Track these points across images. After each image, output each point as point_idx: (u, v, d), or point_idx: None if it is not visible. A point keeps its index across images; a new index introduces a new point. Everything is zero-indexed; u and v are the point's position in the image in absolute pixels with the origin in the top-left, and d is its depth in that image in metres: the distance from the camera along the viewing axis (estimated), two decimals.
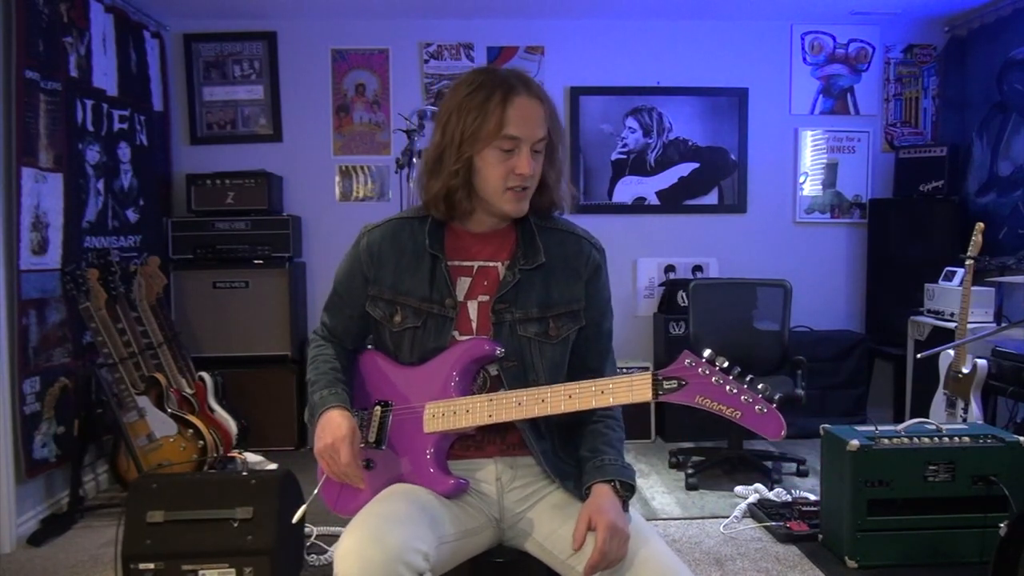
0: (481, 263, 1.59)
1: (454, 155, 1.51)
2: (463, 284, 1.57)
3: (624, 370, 4.08)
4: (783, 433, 1.26)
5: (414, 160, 3.72)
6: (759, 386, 1.28)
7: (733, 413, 1.28)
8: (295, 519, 1.62)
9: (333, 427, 1.50)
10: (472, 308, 1.56)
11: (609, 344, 1.65)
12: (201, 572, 2.37)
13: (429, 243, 1.57)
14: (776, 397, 1.28)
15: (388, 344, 1.62)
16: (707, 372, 1.30)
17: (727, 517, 3.24)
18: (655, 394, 1.32)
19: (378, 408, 1.58)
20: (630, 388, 1.36)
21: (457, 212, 1.57)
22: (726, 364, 1.30)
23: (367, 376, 1.65)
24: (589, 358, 1.62)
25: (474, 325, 1.55)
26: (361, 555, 1.27)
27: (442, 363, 1.54)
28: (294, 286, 4.39)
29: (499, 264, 1.58)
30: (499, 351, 1.51)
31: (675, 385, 1.31)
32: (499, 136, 1.48)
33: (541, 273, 1.57)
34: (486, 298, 1.56)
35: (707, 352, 1.31)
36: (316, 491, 1.61)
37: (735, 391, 1.28)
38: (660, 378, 1.33)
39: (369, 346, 1.71)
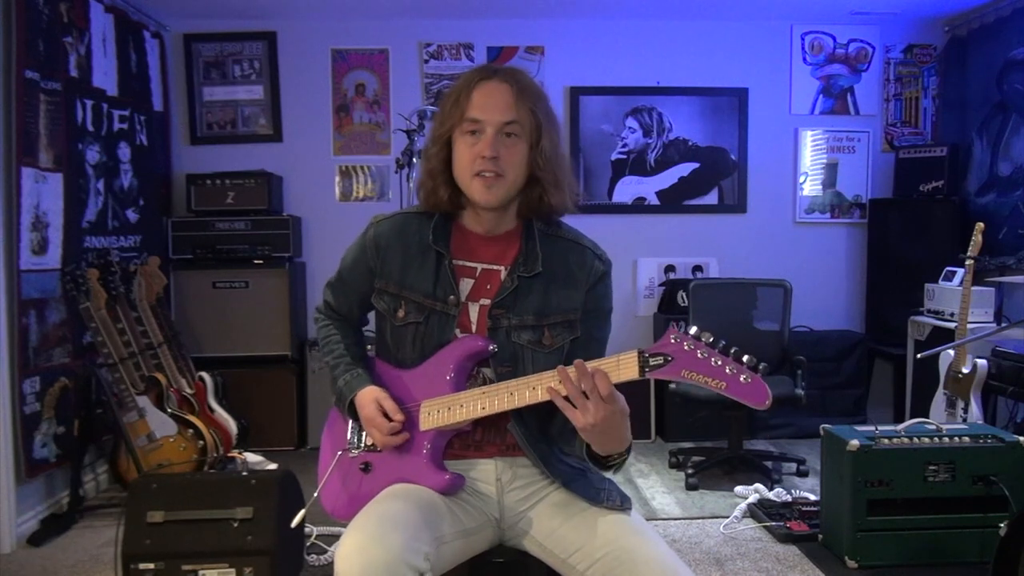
0: (484, 265, 1.58)
1: (434, 139, 1.56)
2: (466, 285, 1.57)
3: None
4: (768, 401, 1.25)
5: (414, 160, 3.72)
6: (744, 357, 1.27)
7: (719, 384, 1.27)
8: (294, 523, 1.62)
9: (362, 411, 1.55)
10: (473, 310, 1.56)
11: (602, 353, 1.59)
12: (201, 572, 2.38)
13: (433, 239, 1.57)
14: (761, 366, 1.27)
15: (388, 339, 1.62)
16: (692, 347, 1.29)
17: (727, 517, 3.24)
18: (642, 371, 1.31)
19: None
20: (617, 367, 1.34)
21: (440, 203, 1.57)
22: (711, 339, 1.29)
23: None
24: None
25: (474, 328, 1.55)
26: (363, 555, 1.27)
27: (437, 362, 1.54)
28: (294, 286, 4.39)
29: (502, 268, 1.58)
30: (492, 347, 1.51)
31: (661, 361, 1.30)
32: (464, 119, 1.50)
33: (540, 281, 1.56)
34: (487, 302, 1.56)
35: (693, 329, 1.30)
36: (316, 494, 1.61)
37: (720, 363, 1.27)
38: (647, 355, 1.31)
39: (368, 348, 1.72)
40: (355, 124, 4.73)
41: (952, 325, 3.69)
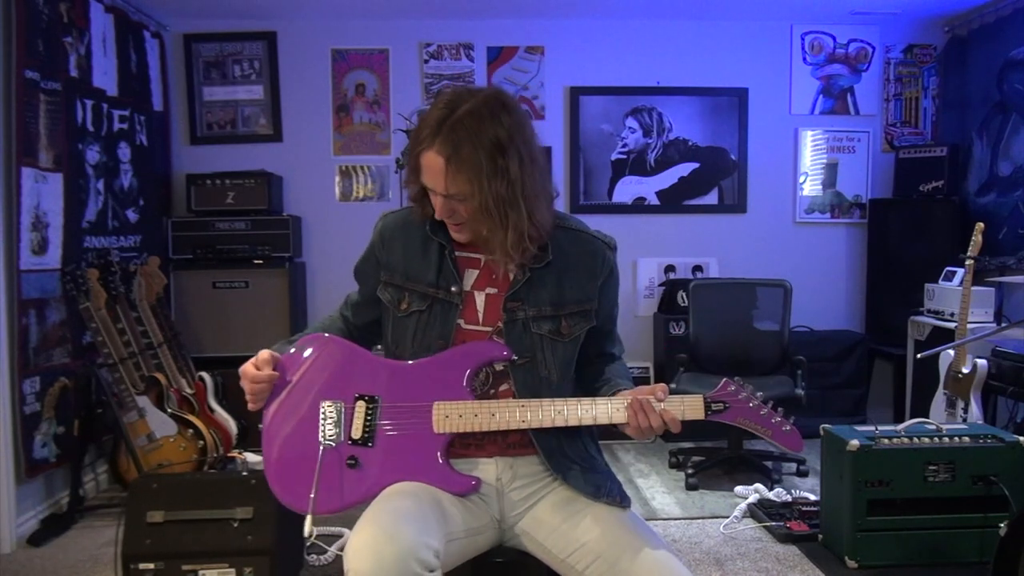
0: (488, 256, 1.59)
1: (408, 172, 1.58)
2: (470, 275, 1.60)
3: None
4: (803, 449, 1.61)
5: (407, 167, 3.73)
6: (779, 409, 1.51)
7: (765, 431, 1.50)
8: (306, 532, 1.52)
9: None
10: (479, 298, 1.58)
11: (615, 328, 1.73)
12: (201, 572, 2.38)
13: (431, 230, 1.60)
14: (792, 420, 1.52)
15: (389, 335, 1.63)
16: (745, 397, 1.50)
17: (727, 517, 3.24)
18: (706, 414, 1.49)
19: (362, 403, 1.54)
20: (682, 407, 1.49)
21: (430, 214, 1.58)
22: (753, 390, 1.52)
23: (346, 366, 1.58)
24: (603, 344, 1.70)
25: (480, 315, 1.57)
26: (374, 551, 1.27)
27: (450, 361, 1.54)
28: (294, 286, 4.39)
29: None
30: (513, 357, 1.54)
31: (722, 407, 1.50)
32: (418, 180, 1.53)
33: (552, 271, 1.58)
34: (494, 291, 1.58)
35: (738, 379, 1.52)
36: (313, 495, 1.55)
37: (766, 413, 1.50)
38: (710, 401, 1.49)
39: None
40: (355, 124, 4.73)
41: (952, 325, 3.69)
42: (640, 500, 3.50)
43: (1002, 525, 2.22)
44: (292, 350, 1.61)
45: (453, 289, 1.57)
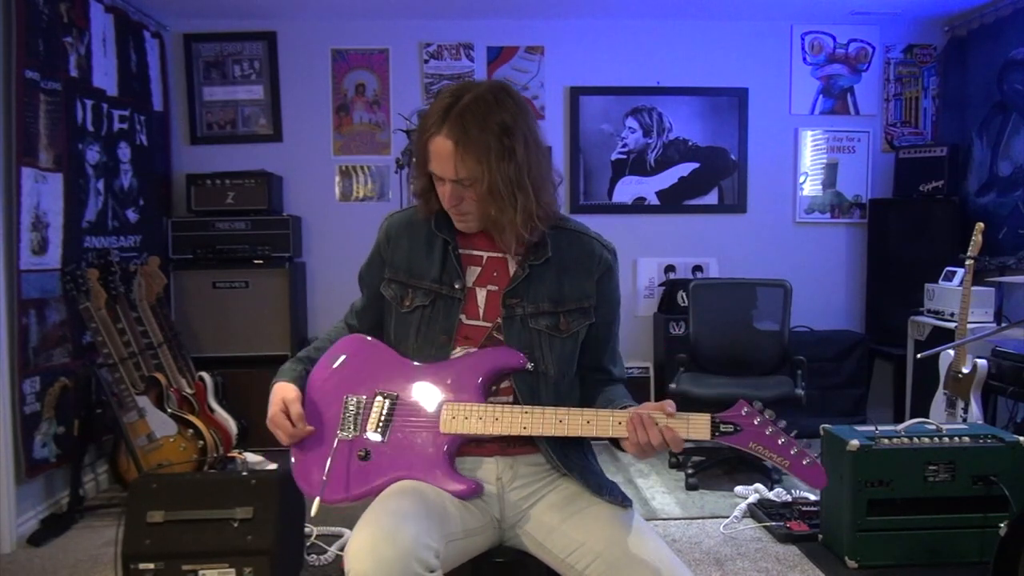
0: (491, 254, 1.62)
1: (416, 165, 1.61)
2: (473, 272, 1.62)
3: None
4: (825, 485, 1.38)
5: (414, 160, 3.73)
6: (801, 440, 1.40)
7: (782, 462, 1.39)
8: (314, 512, 1.54)
9: (274, 399, 1.59)
10: (480, 295, 1.60)
11: (617, 344, 1.71)
12: (201, 572, 2.38)
13: (436, 226, 1.62)
14: (817, 456, 1.40)
15: (391, 333, 1.64)
16: (761, 422, 1.40)
17: (727, 517, 3.24)
18: (712, 435, 1.41)
19: (381, 399, 1.57)
20: (687, 426, 1.42)
21: (435, 208, 1.62)
22: (774, 416, 1.41)
23: (373, 363, 1.62)
24: (600, 357, 1.68)
25: (481, 311, 1.59)
26: (374, 552, 1.28)
27: (467, 365, 1.55)
28: (294, 286, 4.39)
29: (508, 256, 1.62)
30: (529, 365, 1.55)
31: (731, 429, 1.41)
32: (427, 169, 1.55)
33: (552, 268, 1.60)
34: (495, 288, 1.60)
35: (757, 403, 1.42)
36: (324, 477, 1.55)
37: (784, 442, 1.39)
38: (718, 421, 1.42)
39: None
40: (355, 124, 4.73)
41: (952, 325, 3.69)
42: (640, 500, 3.50)
43: (1002, 525, 2.23)
44: (324, 353, 1.67)
45: (456, 285, 1.59)
